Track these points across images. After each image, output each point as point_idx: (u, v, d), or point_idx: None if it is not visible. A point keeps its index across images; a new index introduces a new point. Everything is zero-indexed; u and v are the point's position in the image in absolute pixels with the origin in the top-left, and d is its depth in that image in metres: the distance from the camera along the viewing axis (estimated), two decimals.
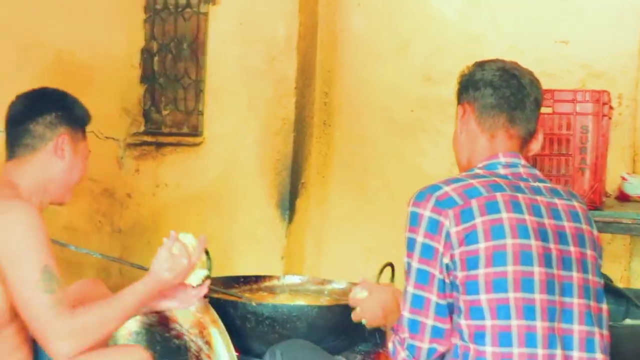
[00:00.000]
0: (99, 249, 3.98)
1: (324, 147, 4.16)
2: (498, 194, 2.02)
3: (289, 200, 3.98)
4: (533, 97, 2.17)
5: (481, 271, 1.96)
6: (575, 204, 2.12)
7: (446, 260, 1.99)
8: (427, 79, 4.01)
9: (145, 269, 2.95)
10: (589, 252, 2.08)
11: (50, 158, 2.51)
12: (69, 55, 3.83)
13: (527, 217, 2.01)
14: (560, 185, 2.24)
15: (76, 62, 3.87)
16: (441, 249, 1.99)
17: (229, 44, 4.11)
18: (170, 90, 4.26)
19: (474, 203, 1.99)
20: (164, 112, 4.27)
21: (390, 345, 2.11)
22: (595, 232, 2.13)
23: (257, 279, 3.59)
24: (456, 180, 2.07)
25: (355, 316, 2.43)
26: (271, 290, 3.51)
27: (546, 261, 1.99)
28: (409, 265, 2.04)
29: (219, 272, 3.60)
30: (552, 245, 2.02)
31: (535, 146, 2.22)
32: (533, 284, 1.96)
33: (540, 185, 2.12)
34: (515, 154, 2.16)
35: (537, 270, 1.97)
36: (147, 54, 4.27)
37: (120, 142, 4.19)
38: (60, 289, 2.26)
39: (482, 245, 1.96)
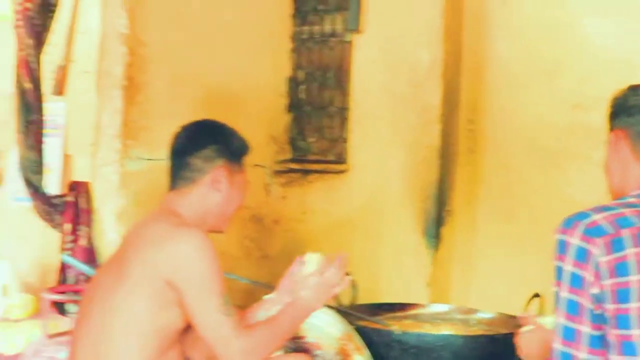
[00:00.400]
0: (248, 274, 4.07)
1: (469, 174, 4.10)
2: None
3: (435, 228, 3.95)
4: None
5: (633, 305, 1.90)
6: None
7: (595, 290, 1.93)
8: (576, 105, 3.90)
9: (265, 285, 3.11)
10: None
11: (208, 190, 2.63)
12: (220, 85, 3.96)
13: None
14: None
15: (226, 93, 3.99)
16: (590, 279, 1.93)
17: (373, 72, 4.14)
18: (315, 118, 4.33)
19: (625, 233, 1.93)
20: (310, 140, 4.34)
21: None
22: None
23: (402, 306, 3.59)
24: (607, 208, 2.00)
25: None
26: (416, 319, 3.50)
27: None
28: (557, 295, 1.99)
29: (364, 298, 3.63)
30: None
31: None
32: None
33: None
34: None
35: None
36: (293, 83, 4.36)
37: (267, 169, 4.27)
38: (235, 312, 2.47)
39: (634, 277, 1.90)
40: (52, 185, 3.72)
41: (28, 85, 3.44)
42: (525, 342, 2.38)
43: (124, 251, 2.59)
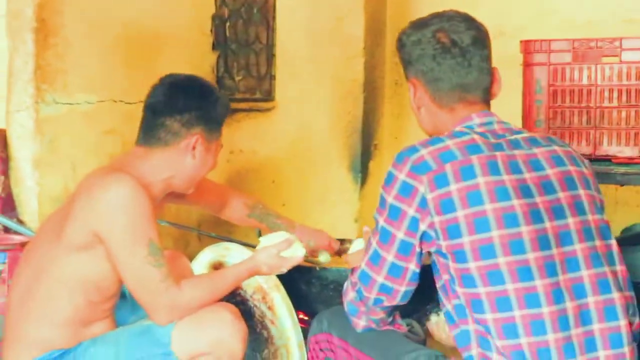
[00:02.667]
0: (177, 212, 4.03)
1: (396, 108, 4.08)
2: (474, 157, 1.95)
3: (362, 163, 3.92)
4: (478, 51, 2.07)
5: (465, 239, 1.91)
6: (556, 147, 2.05)
7: (424, 227, 1.95)
8: (501, 33, 3.86)
9: (247, 245, 3.16)
10: (582, 191, 2.01)
11: (181, 155, 2.52)
12: (140, 24, 3.84)
13: (505, 177, 1.94)
14: (538, 133, 2.16)
15: (148, 32, 3.88)
16: (412, 213, 1.95)
17: (297, 6, 4.07)
18: (242, 56, 4.25)
19: (448, 168, 1.94)
20: (237, 78, 4.27)
21: (346, 282, 2.17)
22: (586, 169, 2.07)
23: None
24: (434, 141, 2.00)
25: None
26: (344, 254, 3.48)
27: (534, 218, 1.93)
28: (376, 220, 2.04)
29: None
30: (537, 199, 1.95)
31: (497, 90, 2.13)
32: (523, 244, 1.90)
33: (518, 137, 2.04)
34: (487, 113, 2.09)
35: (524, 229, 1.91)
36: (218, 20, 4.27)
37: None
38: (166, 262, 2.36)
39: (460, 213, 1.91)
40: None
41: None
42: (353, 258, 2.40)
43: (66, 204, 2.52)
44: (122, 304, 2.67)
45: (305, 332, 2.90)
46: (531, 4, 3.69)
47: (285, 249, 2.60)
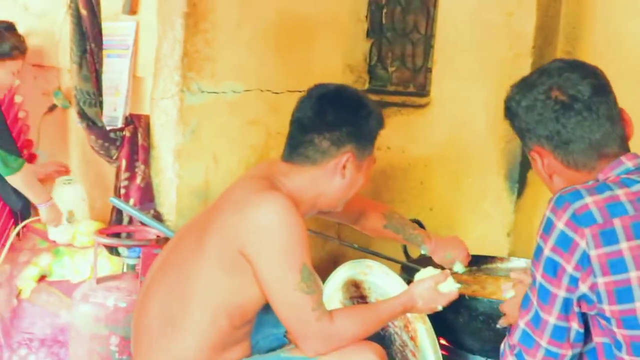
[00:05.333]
0: (316, 216, 3.86)
1: None
2: None
3: (520, 172, 3.61)
4: (603, 99, 1.88)
5: (638, 305, 1.73)
6: None
7: (584, 289, 1.77)
8: None
9: (390, 259, 3.03)
10: None
11: (330, 174, 2.35)
12: (291, 10, 3.65)
13: None
14: None
15: (299, 18, 3.69)
16: (570, 270, 1.77)
17: None
18: (397, 45, 3.98)
19: (617, 223, 1.75)
20: (391, 69, 4.01)
21: (502, 345, 1.98)
22: None
23: (479, 259, 3.30)
24: (600, 188, 1.80)
25: (503, 322, 2.19)
26: (493, 273, 3.22)
27: None
28: (533, 274, 1.87)
29: None
30: None
31: (631, 132, 1.95)
32: None
33: None
34: (635, 155, 1.89)
35: None
36: (374, 6, 4.01)
37: None
38: (319, 289, 2.22)
39: (633, 274, 1.73)
40: (120, 108, 3.54)
41: (84, 11, 3.22)
42: (510, 309, 2.15)
43: (209, 214, 2.37)
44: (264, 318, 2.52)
45: None
46: None
47: (442, 282, 2.45)
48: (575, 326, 1.83)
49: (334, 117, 2.32)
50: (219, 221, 2.28)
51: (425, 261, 3.16)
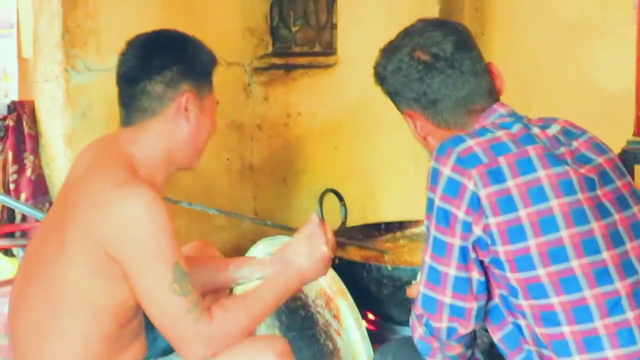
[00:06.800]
0: (229, 190, 3.65)
1: None
2: (530, 148, 1.75)
3: None
4: (466, 55, 1.85)
5: (531, 242, 1.70)
6: (588, 134, 1.86)
7: (478, 231, 1.72)
8: None
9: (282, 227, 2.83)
10: (628, 177, 1.86)
11: (174, 122, 2.11)
12: None
13: (567, 168, 1.74)
14: (560, 120, 1.89)
15: None
16: (462, 216, 1.72)
17: None
18: (299, 2, 3.79)
19: (502, 161, 1.74)
20: (294, 29, 3.80)
21: (410, 317, 1.91)
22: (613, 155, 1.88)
23: (401, 225, 3.17)
24: (481, 132, 1.80)
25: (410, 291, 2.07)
26: (415, 239, 3.08)
27: (601, 211, 1.75)
28: (427, 229, 1.81)
29: (354, 217, 3.16)
30: (599, 192, 1.76)
31: (501, 84, 1.91)
32: (597, 243, 1.72)
33: (553, 130, 1.82)
34: (505, 103, 1.87)
35: (595, 226, 1.72)
36: None
37: (245, 67, 3.76)
38: (194, 288, 2.02)
39: (523, 212, 1.70)
40: (11, 92, 3.26)
41: None
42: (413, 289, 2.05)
43: (63, 209, 2.12)
44: None
45: (373, 336, 2.56)
46: None
47: (307, 231, 2.27)
48: (476, 275, 1.77)
49: (161, 59, 2.11)
50: (79, 220, 2.05)
51: (346, 232, 3.02)
